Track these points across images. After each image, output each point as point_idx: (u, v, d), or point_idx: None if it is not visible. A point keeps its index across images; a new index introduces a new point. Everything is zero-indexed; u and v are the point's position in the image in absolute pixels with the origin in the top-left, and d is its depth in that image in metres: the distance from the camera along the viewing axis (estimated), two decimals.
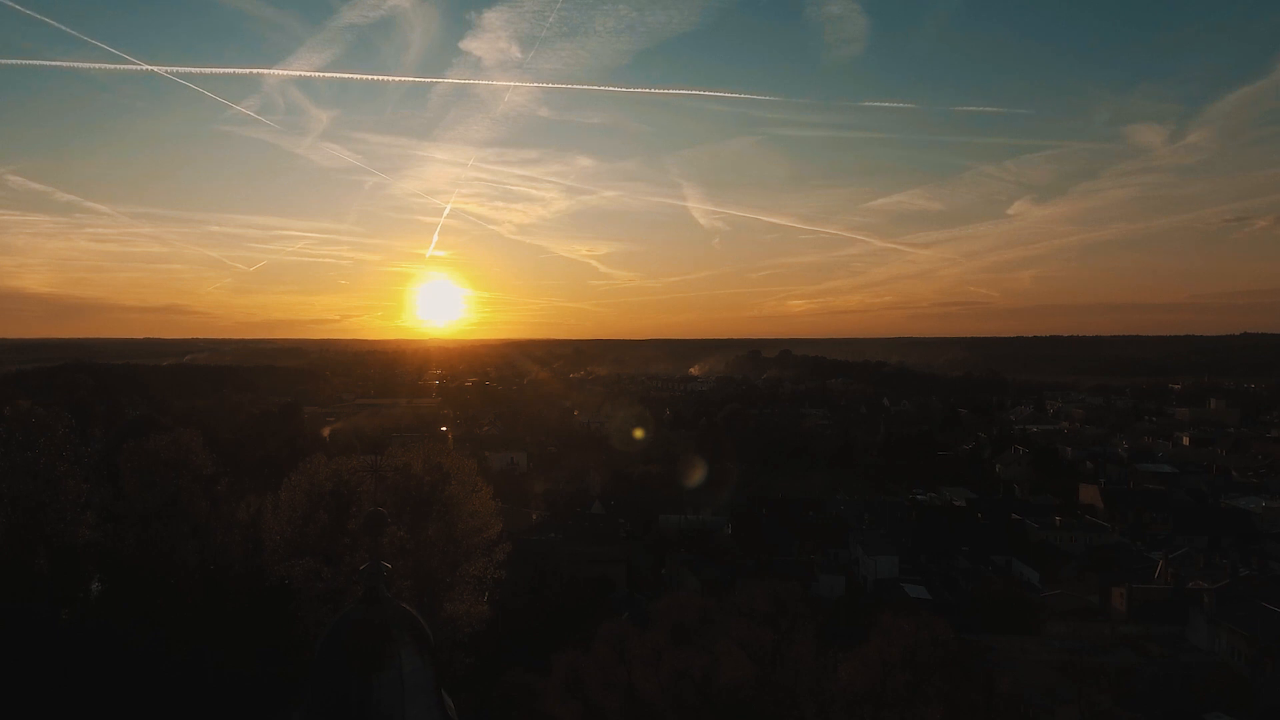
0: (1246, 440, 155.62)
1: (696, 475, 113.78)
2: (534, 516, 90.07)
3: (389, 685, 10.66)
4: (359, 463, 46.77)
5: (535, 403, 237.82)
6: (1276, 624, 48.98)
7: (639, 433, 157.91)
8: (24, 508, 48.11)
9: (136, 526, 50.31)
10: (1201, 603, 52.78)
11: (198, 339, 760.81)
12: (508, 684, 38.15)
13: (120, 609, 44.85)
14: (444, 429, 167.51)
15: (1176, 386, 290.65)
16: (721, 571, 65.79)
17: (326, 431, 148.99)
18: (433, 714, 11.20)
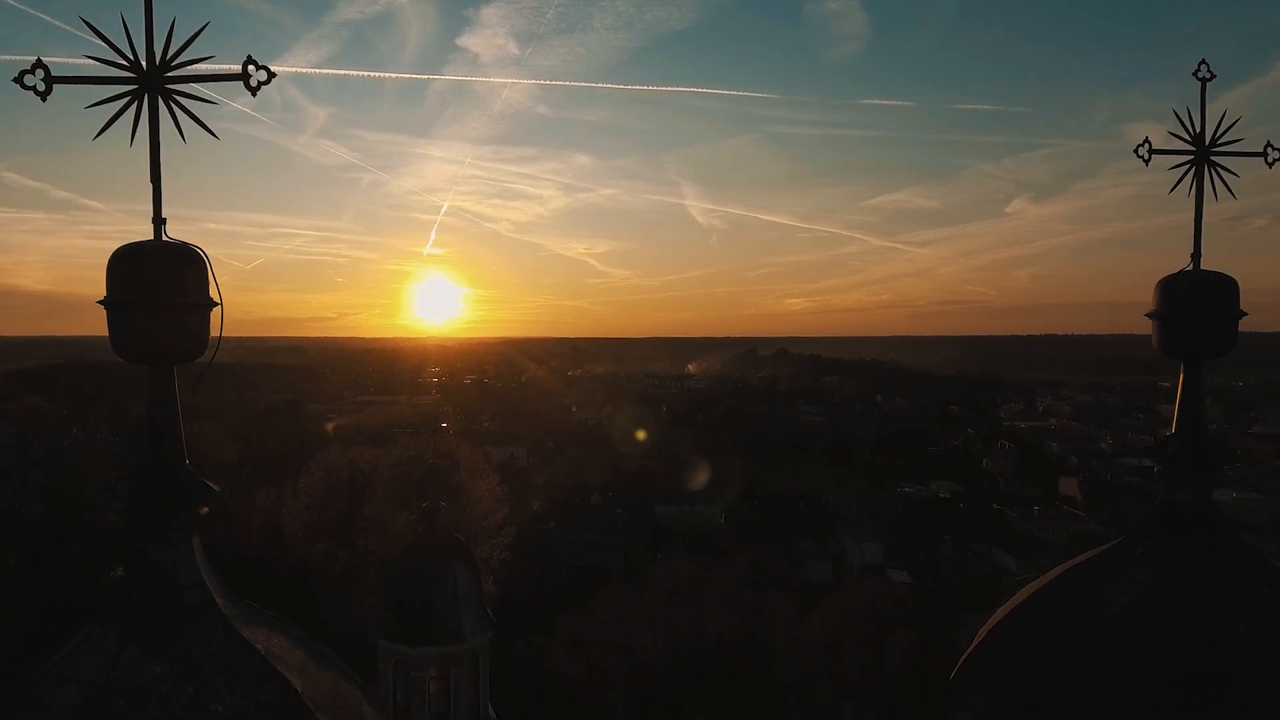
0: (1228, 436, 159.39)
1: (694, 472, 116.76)
2: (535, 508, 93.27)
3: (447, 592, 14.22)
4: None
5: (534, 400, 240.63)
6: None
7: (642, 434, 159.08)
8: (60, 493, 51.29)
9: None
10: None
11: None
12: (515, 656, 41.33)
13: None
14: (444, 425, 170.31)
15: (1166, 384, 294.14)
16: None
17: (330, 427, 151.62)
18: (478, 615, 14.81)
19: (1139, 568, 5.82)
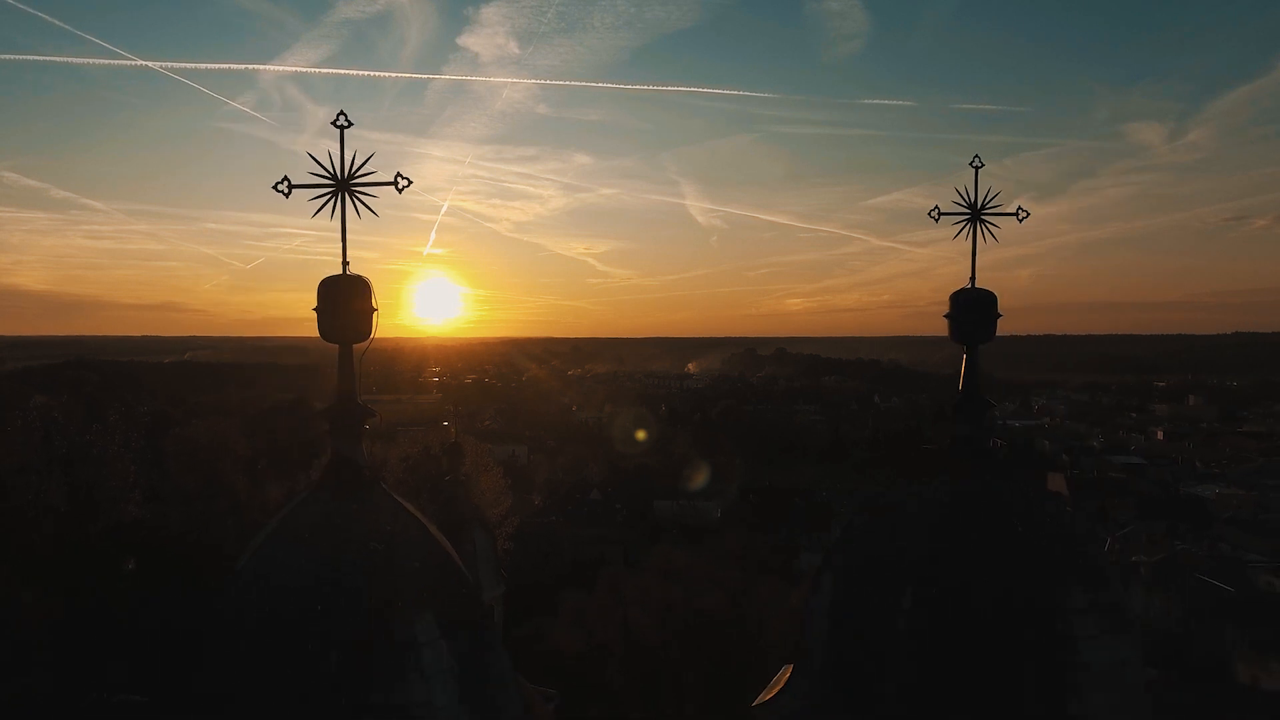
0: (1219, 434, 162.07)
1: (691, 469, 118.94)
2: (536, 503, 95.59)
3: (467, 551, 16.65)
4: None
5: (534, 399, 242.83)
6: (1202, 591, 54.95)
7: (641, 434, 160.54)
8: (82, 486, 53.39)
9: (180, 506, 55.75)
10: (1140, 573, 58.79)
11: (195, 336, 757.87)
12: (518, 636, 43.63)
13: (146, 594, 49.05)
14: (446, 424, 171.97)
15: (1162, 384, 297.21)
16: None
17: None
18: (494, 573, 17.23)
19: (938, 479, 8.97)
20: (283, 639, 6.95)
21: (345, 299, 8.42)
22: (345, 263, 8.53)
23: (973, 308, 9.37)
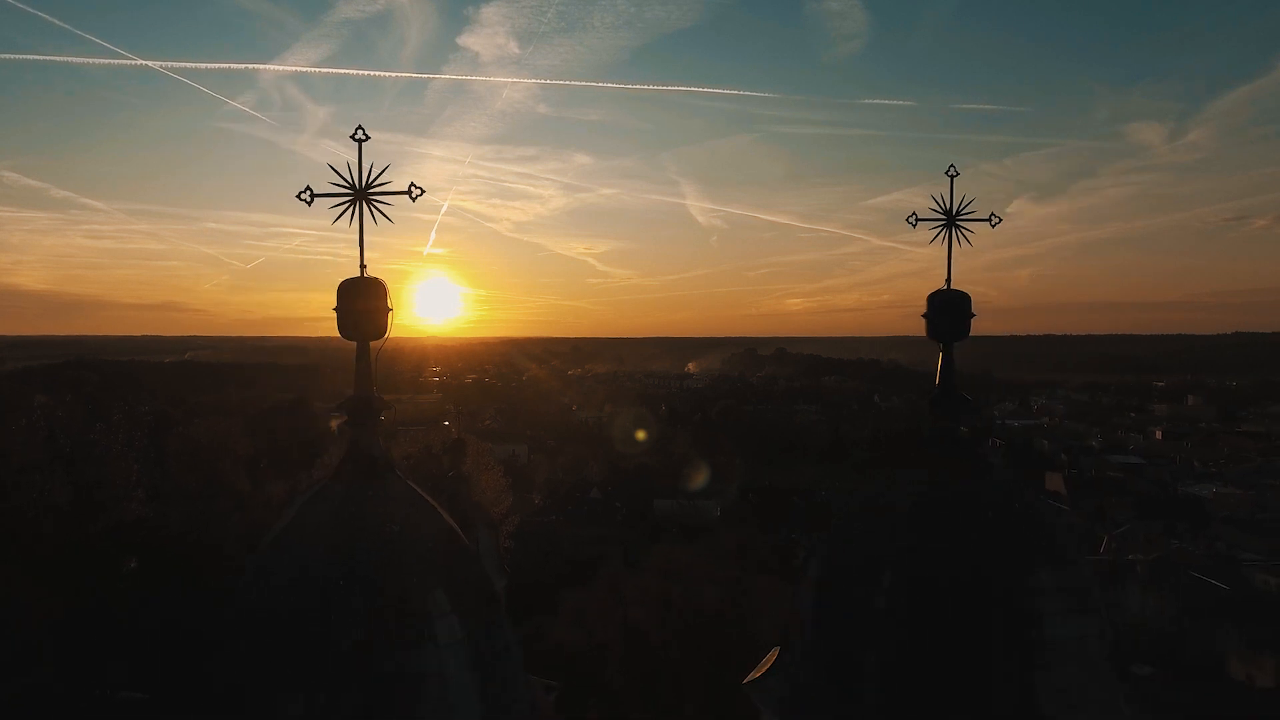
0: (1217, 434, 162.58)
1: (691, 469, 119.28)
2: (536, 501, 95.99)
3: (471, 544, 17.01)
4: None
5: (534, 399, 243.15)
6: (1198, 589, 55.37)
7: (641, 434, 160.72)
8: (85, 485, 53.70)
9: (181, 505, 56.13)
10: (1136, 572, 59.19)
11: (196, 336, 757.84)
12: (519, 634, 43.99)
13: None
14: (446, 423, 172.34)
15: (1161, 384, 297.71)
16: None
17: (335, 425, 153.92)
18: (496, 566, 17.59)
19: (919, 472, 9.42)
20: (305, 616, 7.53)
21: (363, 299, 9.12)
22: (363, 265, 9.17)
23: (947, 308, 9.87)
